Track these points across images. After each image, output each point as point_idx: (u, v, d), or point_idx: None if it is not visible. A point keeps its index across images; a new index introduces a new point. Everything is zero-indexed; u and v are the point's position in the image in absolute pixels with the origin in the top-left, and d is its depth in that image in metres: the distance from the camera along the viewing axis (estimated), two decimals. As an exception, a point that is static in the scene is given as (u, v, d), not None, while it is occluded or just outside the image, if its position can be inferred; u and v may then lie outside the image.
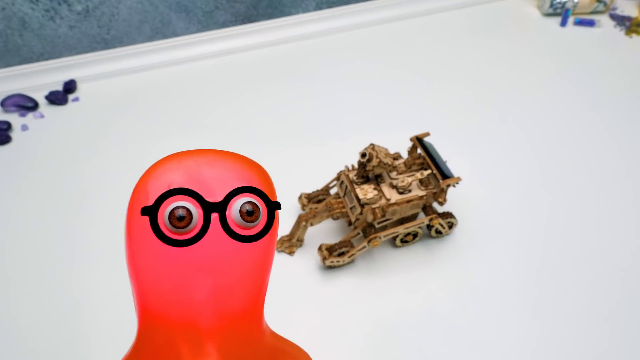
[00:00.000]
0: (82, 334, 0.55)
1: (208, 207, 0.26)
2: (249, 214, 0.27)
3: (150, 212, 0.26)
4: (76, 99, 0.83)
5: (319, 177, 0.68)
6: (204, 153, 0.28)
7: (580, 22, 1.00)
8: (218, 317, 0.27)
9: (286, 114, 0.81)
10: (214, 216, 0.26)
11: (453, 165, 0.71)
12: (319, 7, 0.98)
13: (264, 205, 0.28)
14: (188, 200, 0.26)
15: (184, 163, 0.27)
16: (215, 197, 0.27)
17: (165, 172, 0.27)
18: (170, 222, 0.25)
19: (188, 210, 0.26)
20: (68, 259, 0.62)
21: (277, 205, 0.28)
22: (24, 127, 0.78)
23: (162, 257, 0.26)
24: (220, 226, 0.26)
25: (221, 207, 0.27)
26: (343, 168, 0.68)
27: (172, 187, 0.26)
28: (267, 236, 0.28)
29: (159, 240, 0.25)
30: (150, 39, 0.91)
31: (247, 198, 0.27)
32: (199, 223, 0.26)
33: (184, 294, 0.26)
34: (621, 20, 1.01)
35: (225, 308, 0.27)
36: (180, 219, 0.25)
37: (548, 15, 1.03)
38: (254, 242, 0.27)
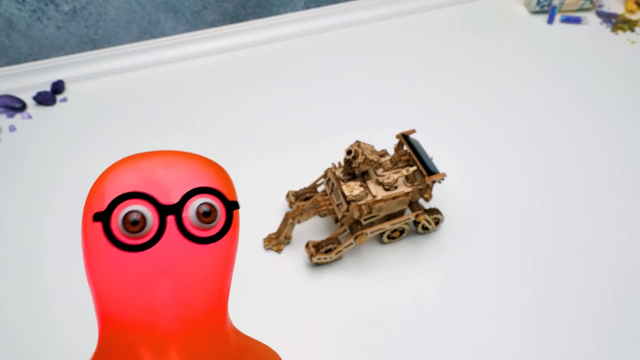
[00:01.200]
0: (78, 333, 0.55)
1: (163, 210, 0.26)
2: (205, 215, 0.26)
3: (103, 217, 0.25)
4: (64, 100, 0.83)
5: (306, 175, 0.68)
6: (160, 154, 0.27)
7: (567, 20, 1.01)
8: (179, 320, 0.26)
9: (274, 112, 0.81)
10: (170, 219, 0.26)
11: (440, 162, 0.71)
12: (307, 6, 0.99)
13: (222, 206, 0.27)
14: (142, 203, 0.26)
15: (138, 165, 0.27)
16: (171, 199, 0.26)
17: (119, 175, 0.26)
18: (124, 227, 0.25)
19: (142, 214, 0.25)
20: (57, 259, 0.62)
21: (235, 205, 0.28)
22: (12, 128, 0.78)
23: (119, 262, 0.25)
24: (177, 228, 0.26)
25: (177, 209, 0.26)
26: (330, 166, 0.68)
27: (124, 191, 0.26)
28: (226, 236, 0.27)
29: (113, 246, 0.25)
30: (139, 39, 0.91)
31: (203, 199, 0.27)
32: (154, 226, 0.26)
33: (143, 298, 0.26)
34: (607, 18, 1.02)
35: (187, 311, 0.27)
36: (134, 224, 0.25)
37: (535, 12, 1.03)
38: (214, 243, 0.27)
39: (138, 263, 0.25)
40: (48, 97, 0.82)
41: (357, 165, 0.57)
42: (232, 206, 0.28)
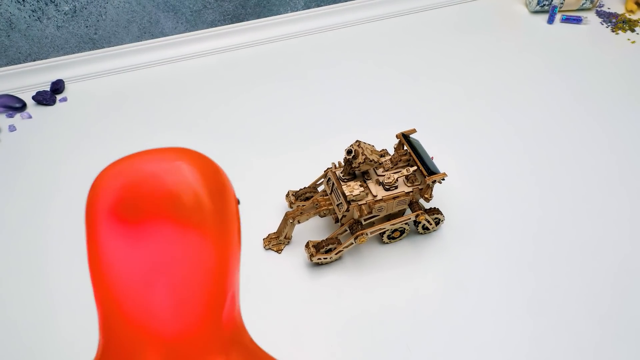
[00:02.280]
0: (78, 332, 0.55)
1: None
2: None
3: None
4: (64, 99, 0.83)
5: (306, 175, 0.68)
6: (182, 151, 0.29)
7: (567, 19, 1.01)
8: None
9: (274, 112, 0.81)
10: None
11: (440, 161, 0.71)
12: (307, 6, 0.99)
13: None
14: None
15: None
16: None
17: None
18: None
19: None
20: (57, 259, 0.62)
21: (238, 201, 0.31)
22: (12, 128, 0.78)
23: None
24: None
25: None
26: (330, 166, 0.68)
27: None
28: None
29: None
30: (139, 38, 0.90)
31: None
32: None
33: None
34: (607, 17, 1.02)
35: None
36: None
37: (535, 12, 1.03)
38: None
39: None
40: (48, 97, 0.81)
41: (357, 165, 0.57)
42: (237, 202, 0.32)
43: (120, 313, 0.26)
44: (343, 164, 0.61)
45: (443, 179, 0.58)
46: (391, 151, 0.71)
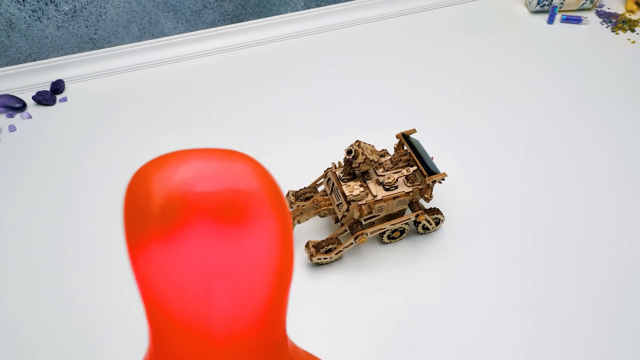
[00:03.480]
0: (79, 333, 0.55)
1: None
2: None
3: None
4: (64, 99, 0.83)
5: (306, 175, 0.68)
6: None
7: (567, 19, 1.01)
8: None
9: (274, 112, 0.81)
10: None
11: (440, 161, 0.71)
12: (307, 6, 0.99)
13: None
14: None
15: None
16: None
17: None
18: None
19: None
20: (58, 260, 0.62)
21: None
22: (12, 128, 0.78)
23: None
24: None
25: None
26: (330, 165, 0.68)
27: None
28: None
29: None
30: (139, 38, 0.90)
31: None
32: None
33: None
34: (608, 17, 1.02)
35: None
36: None
37: (535, 12, 1.03)
38: None
39: None
40: (48, 97, 0.82)
41: (357, 165, 0.57)
42: None
43: (174, 322, 0.25)
44: (343, 164, 0.61)
45: (443, 179, 0.58)
46: (391, 151, 0.71)
